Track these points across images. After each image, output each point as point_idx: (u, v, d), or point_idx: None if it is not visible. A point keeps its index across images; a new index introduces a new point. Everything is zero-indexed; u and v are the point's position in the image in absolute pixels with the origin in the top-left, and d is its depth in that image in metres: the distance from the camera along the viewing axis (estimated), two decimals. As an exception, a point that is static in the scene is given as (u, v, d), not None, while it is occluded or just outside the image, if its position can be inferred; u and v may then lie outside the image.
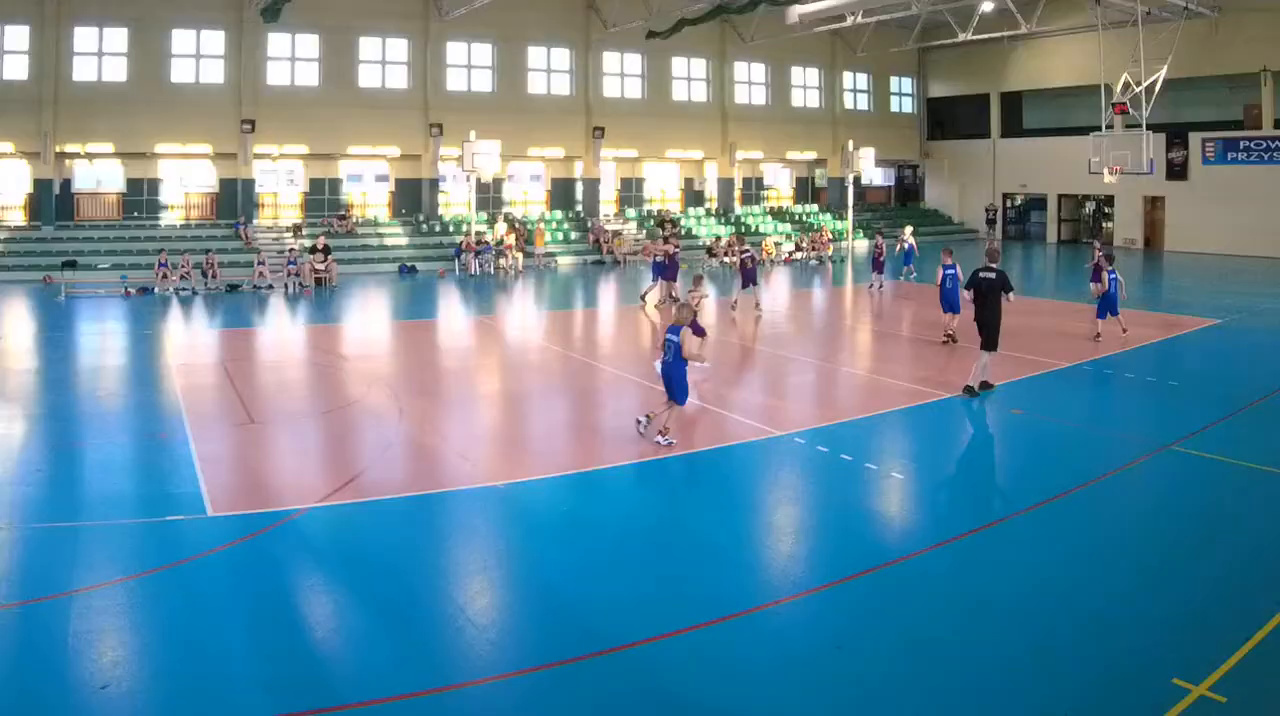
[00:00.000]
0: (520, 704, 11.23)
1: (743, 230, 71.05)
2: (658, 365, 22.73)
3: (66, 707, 10.85)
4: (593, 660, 11.92)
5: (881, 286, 49.89)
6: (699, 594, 13.95)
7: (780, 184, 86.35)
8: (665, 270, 45.36)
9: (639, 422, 22.41)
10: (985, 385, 26.25)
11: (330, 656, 12.30)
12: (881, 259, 50.31)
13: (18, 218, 60.52)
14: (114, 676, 11.44)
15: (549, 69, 72.57)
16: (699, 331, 29.10)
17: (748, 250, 43.17)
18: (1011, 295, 26.21)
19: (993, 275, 26.22)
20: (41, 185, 59.51)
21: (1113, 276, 34.75)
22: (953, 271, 34.34)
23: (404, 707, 10.95)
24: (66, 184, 61.37)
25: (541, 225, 69.29)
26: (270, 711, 10.81)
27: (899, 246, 54.07)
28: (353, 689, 11.38)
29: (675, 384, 21.59)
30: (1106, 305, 34.91)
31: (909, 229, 57.18)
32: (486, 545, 16.15)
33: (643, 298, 45.89)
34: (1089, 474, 19.73)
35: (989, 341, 26.08)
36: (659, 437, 21.54)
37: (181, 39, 61.65)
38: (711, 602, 13.56)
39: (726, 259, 63.81)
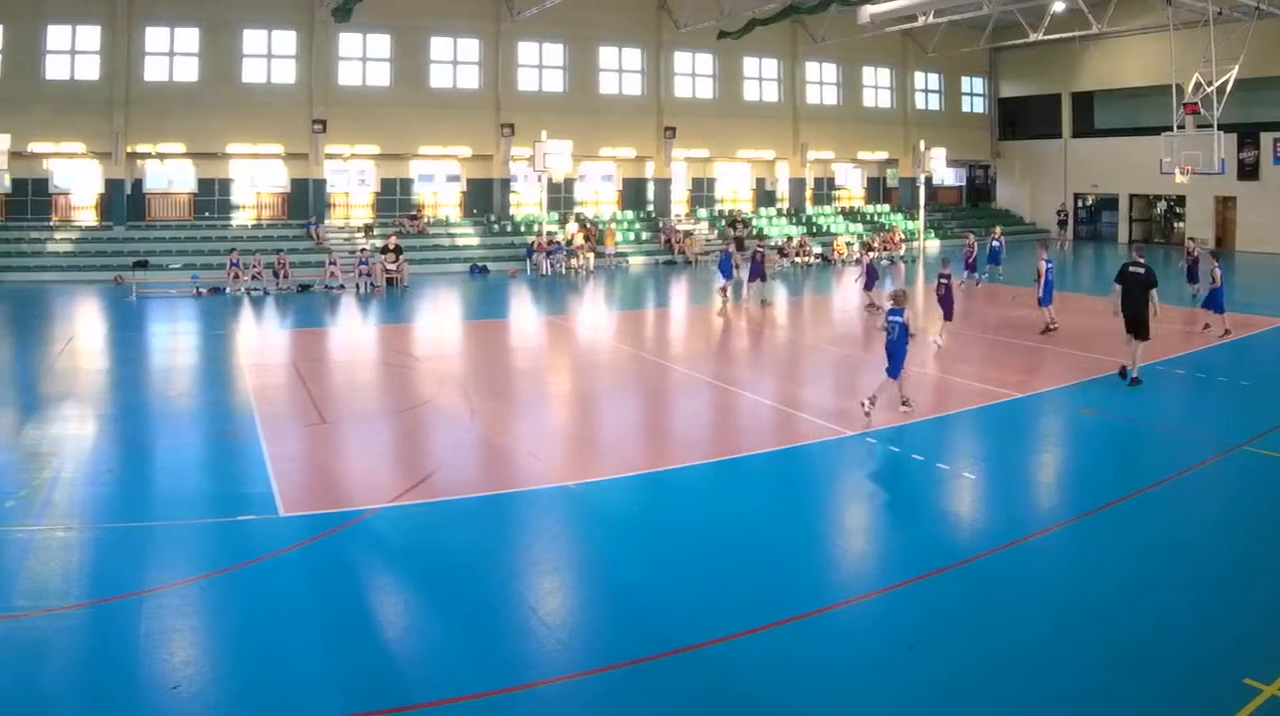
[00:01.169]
0: (591, 704, 11.13)
1: (766, 231, 69.95)
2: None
3: (138, 707, 10.69)
4: (663, 660, 11.76)
5: (979, 283, 48.65)
6: (770, 594, 13.72)
7: (852, 184, 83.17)
8: (755, 269, 44.59)
9: (864, 409, 22.80)
10: (1124, 370, 26.74)
11: (401, 656, 12.15)
12: (973, 259, 49.00)
13: (89, 218, 59.56)
14: (185, 676, 11.35)
15: (620, 69, 70.44)
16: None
17: (760, 249, 45.08)
18: (1156, 293, 26.43)
19: (1141, 270, 26.58)
20: (113, 185, 58.39)
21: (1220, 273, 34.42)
22: (1050, 265, 34.58)
23: (475, 708, 10.80)
24: (138, 184, 60.11)
25: (613, 225, 67.84)
26: (341, 711, 10.68)
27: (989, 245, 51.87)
28: (423, 689, 11.28)
29: (896, 360, 22.98)
30: (1213, 301, 34.15)
31: (999, 228, 55.44)
32: (557, 545, 15.98)
33: (723, 293, 44.31)
34: (1161, 474, 19.53)
35: (1142, 331, 26.38)
36: (902, 407, 23.29)
37: (253, 39, 60.58)
38: (783, 603, 13.37)
39: (798, 259, 62.78)
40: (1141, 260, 26.82)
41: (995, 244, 51.61)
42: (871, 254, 41.75)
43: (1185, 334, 33.26)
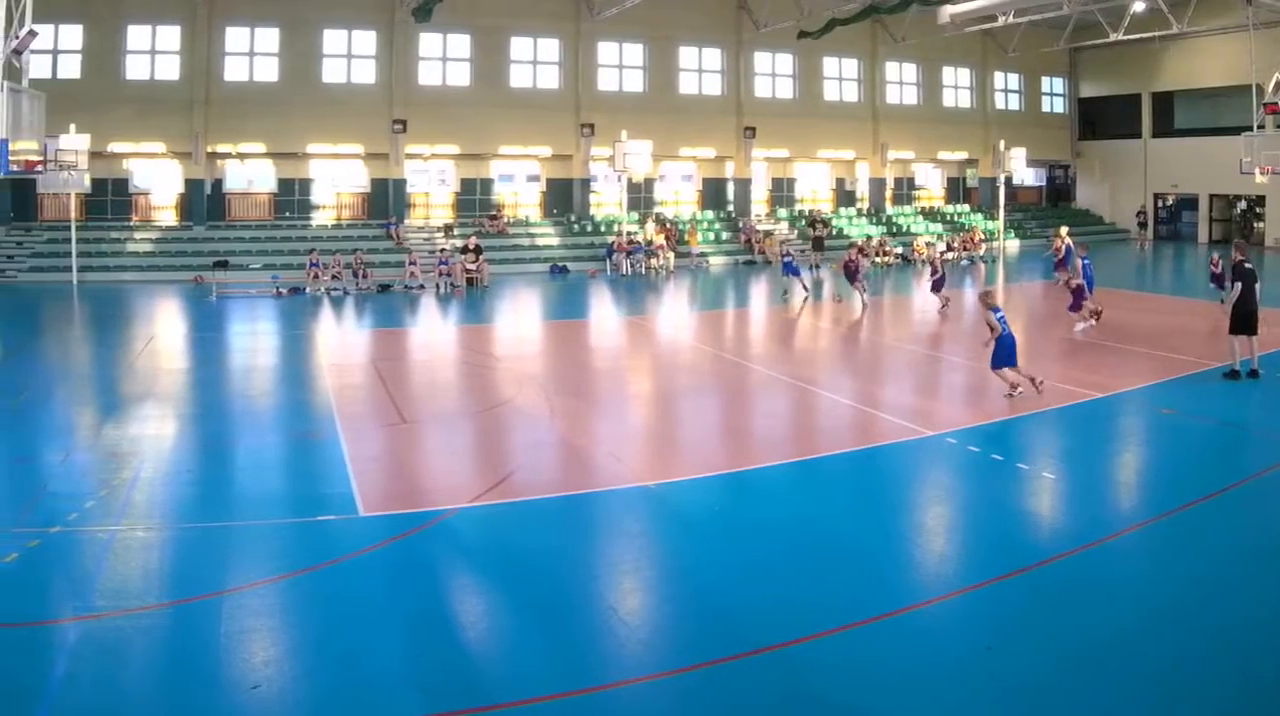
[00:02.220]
0: (670, 704, 10.83)
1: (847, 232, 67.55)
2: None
3: (218, 707, 10.46)
4: (742, 660, 11.38)
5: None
6: (849, 595, 13.29)
7: (931, 184, 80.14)
8: (850, 274, 42.62)
9: (1015, 393, 23.70)
10: (1235, 371, 25.99)
11: (481, 656, 11.89)
12: (1062, 259, 46.05)
13: (169, 217, 58.75)
14: (265, 676, 11.10)
15: (700, 69, 68.09)
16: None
17: (788, 254, 44.15)
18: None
19: (1251, 267, 26.04)
20: (193, 185, 57.40)
21: None
22: (1088, 261, 35.20)
23: (555, 708, 10.49)
24: (218, 184, 59.04)
25: (695, 226, 65.95)
26: (421, 712, 10.41)
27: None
28: (504, 689, 10.99)
29: (1008, 350, 23.76)
30: None
31: (1064, 229, 52.40)
32: (637, 545, 15.54)
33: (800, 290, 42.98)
34: (1239, 474, 18.91)
35: (1255, 326, 25.91)
36: (1037, 389, 23.95)
37: (333, 39, 59.27)
38: (861, 603, 12.96)
39: (878, 259, 60.44)
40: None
41: (1066, 246, 48.32)
42: (950, 254, 39.80)
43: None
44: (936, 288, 41.09)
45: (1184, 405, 23.82)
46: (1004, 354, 23.58)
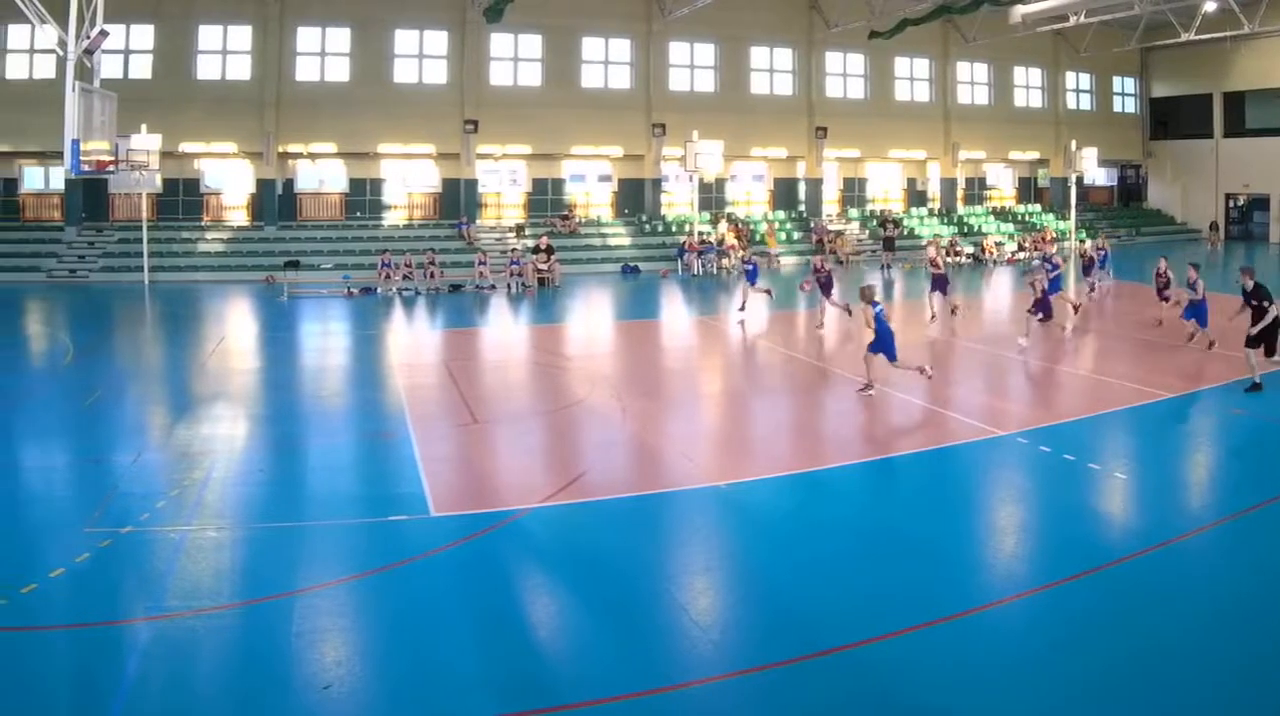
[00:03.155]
0: (741, 704, 10.57)
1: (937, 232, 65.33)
2: None
3: (290, 707, 10.30)
4: (814, 661, 11.18)
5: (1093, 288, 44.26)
6: (920, 594, 12.94)
7: (1003, 184, 77.85)
8: (939, 283, 39.48)
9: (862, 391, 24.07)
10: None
11: (553, 656, 11.68)
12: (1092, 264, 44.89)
13: (240, 217, 57.51)
14: (337, 676, 10.95)
15: (771, 69, 65.67)
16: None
17: (749, 261, 41.00)
18: None
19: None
20: (264, 185, 56.27)
21: None
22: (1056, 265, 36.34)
23: (627, 708, 10.30)
24: (289, 184, 57.86)
25: (775, 225, 64.27)
26: (493, 711, 10.27)
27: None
28: (576, 689, 10.77)
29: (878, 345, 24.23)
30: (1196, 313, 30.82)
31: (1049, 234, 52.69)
32: (709, 545, 15.33)
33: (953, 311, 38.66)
34: None
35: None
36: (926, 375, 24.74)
37: (404, 39, 57.86)
38: (932, 603, 12.64)
39: (950, 258, 56.20)
40: None
41: (1102, 252, 46.51)
42: (1021, 254, 38.64)
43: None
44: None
45: (1255, 406, 23.21)
46: (879, 345, 23.79)
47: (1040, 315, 30.73)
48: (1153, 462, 19.61)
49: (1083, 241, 59.51)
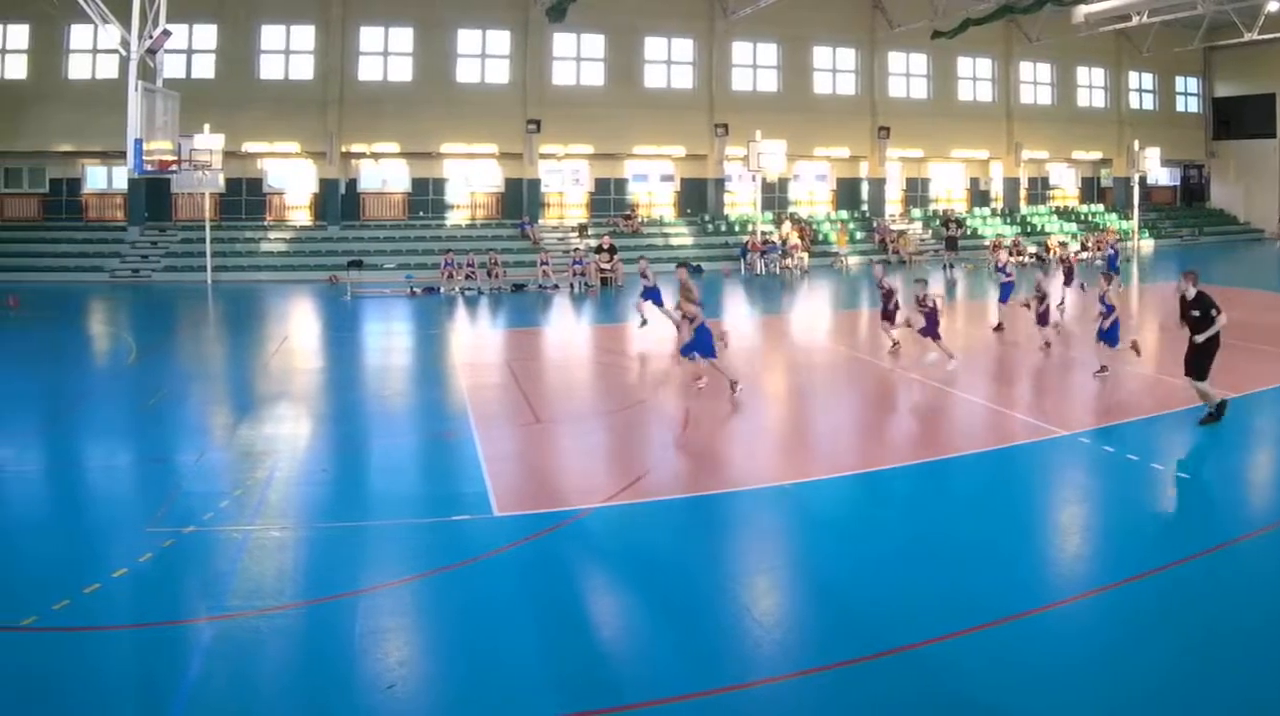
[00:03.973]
0: (804, 704, 10.09)
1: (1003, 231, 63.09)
2: None
3: (353, 707, 9.87)
4: (876, 661, 10.67)
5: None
6: (982, 594, 12.41)
7: (1065, 184, 76.07)
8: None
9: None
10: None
11: (616, 656, 11.17)
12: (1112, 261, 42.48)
13: (303, 217, 56.06)
14: (400, 676, 10.50)
15: (834, 69, 63.40)
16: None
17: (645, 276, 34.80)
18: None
19: None
20: (327, 185, 54.75)
21: None
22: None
23: (691, 708, 9.81)
24: (352, 183, 56.26)
25: (844, 225, 62.39)
26: (556, 711, 9.76)
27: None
28: (638, 688, 10.27)
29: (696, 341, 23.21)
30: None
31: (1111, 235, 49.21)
32: (771, 545, 14.62)
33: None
34: None
35: None
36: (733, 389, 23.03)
37: (467, 39, 56.25)
38: (994, 603, 12.11)
39: (1013, 258, 56.31)
40: None
41: (1111, 252, 44.07)
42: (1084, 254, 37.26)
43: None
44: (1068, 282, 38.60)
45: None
46: (698, 342, 22.95)
47: (1042, 323, 29.01)
48: (1215, 463, 18.76)
49: (1064, 244, 56.64)
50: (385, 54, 55.30)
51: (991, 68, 68.51)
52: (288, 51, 53.85)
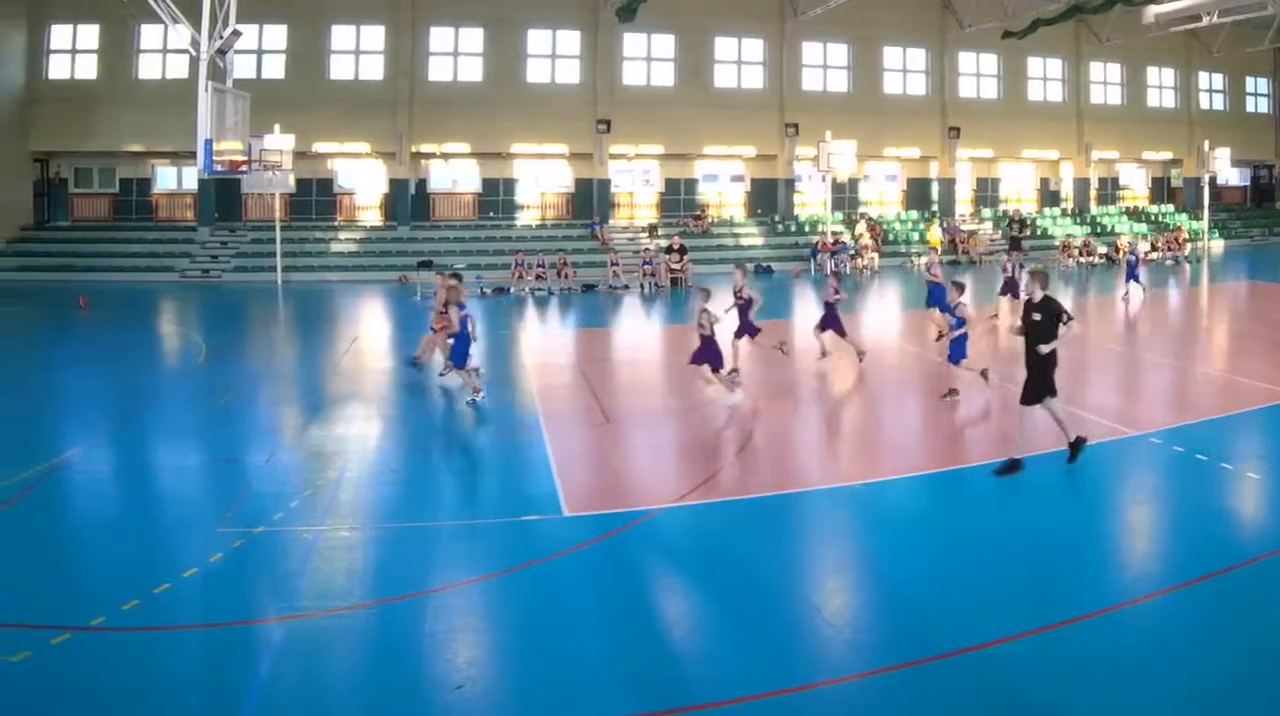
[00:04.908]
0: (874, 704, 9.74)
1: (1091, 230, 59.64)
2: None
3: (422, 707, 9.63)
4: (947, 661, 10.26)
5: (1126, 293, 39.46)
6: (1052, 594, 11.90)
7: (1136, 184, 72.23)
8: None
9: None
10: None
11: (686, 656, 10.81)
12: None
13: (373, 217, 53.87)
14: (469, 676, 10.22)
15: (904, 69, 60.34)
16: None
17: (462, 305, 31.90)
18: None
19: None
20: (397, 185, 52.42)
21: None
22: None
23: (762, 708, 9.48)
24: (422, 184, 53.99)
25: (933, 224, 59.02)
26: (625, 711, 9.49)
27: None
28: (708, 688, 9.96)
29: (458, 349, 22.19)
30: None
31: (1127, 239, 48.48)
32: (841, 545, 14.38)
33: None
34: None
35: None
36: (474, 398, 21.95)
37: (537, 39, 53.70)
38: (1065, 603, 11.59)
39: (1082, 259, 54.47)
40: None
41: (1131, 258, 41.22)
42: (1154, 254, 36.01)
43: None
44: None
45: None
46: (459, 351, 22.13)
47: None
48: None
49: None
50: (455, 54, 53.00)
51: (1062, 68, 65.06)
52: (358, 52, 51.75)
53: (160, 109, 46.00)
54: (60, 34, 48.89)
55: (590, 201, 55.44)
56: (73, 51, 49.09)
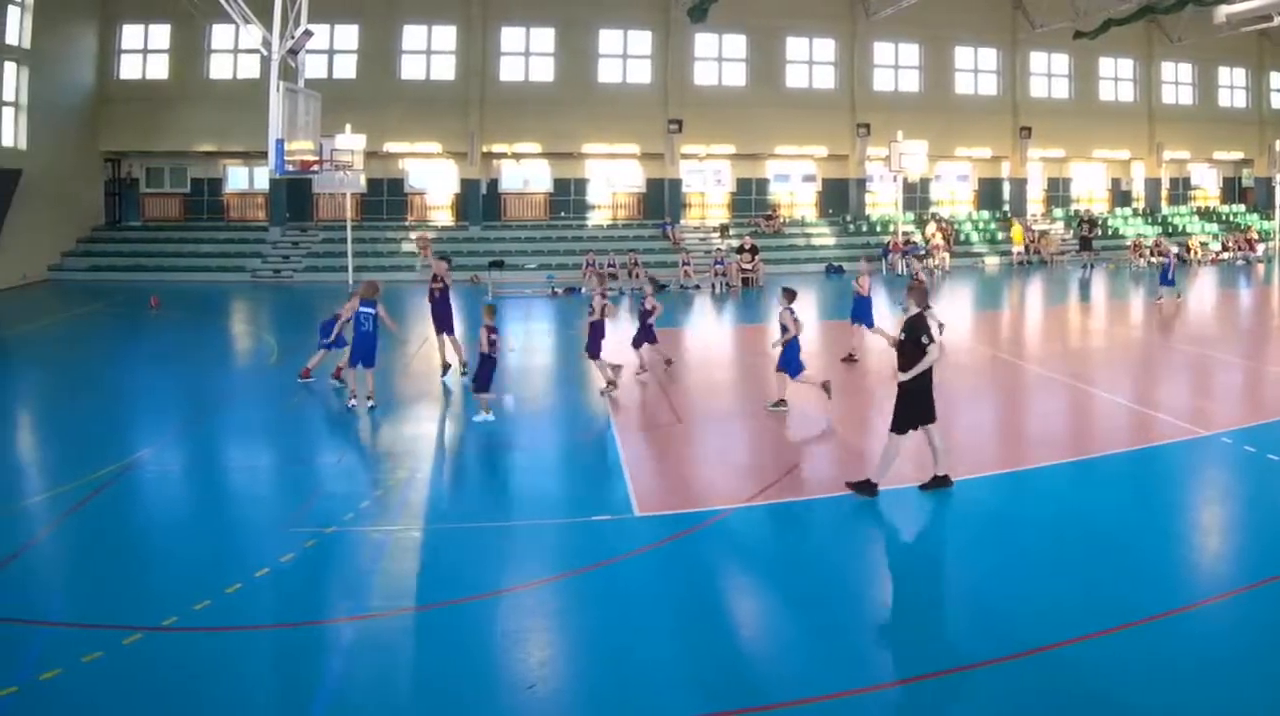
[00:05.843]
0: (944, 703, 9.30)
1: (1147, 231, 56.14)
2: None
3: (494, 707, 9.17)
4: (1015, 661, 9.73)
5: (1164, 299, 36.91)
6: (1122, 594, 11.24)
7: (1207, 184, 68.35)
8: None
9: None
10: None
11: (756, 655, 10.32)
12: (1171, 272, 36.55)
13: (445, 217, 51.41)
14: (540, 676, 9.72)
15: (976, 69, 57.26)
16: None
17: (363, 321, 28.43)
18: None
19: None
20: (468, 185, 49.66)
21: None
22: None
23: (831, 707, 9.07)
24: (493, 184, 51.27)
25: (1018, 221, 56.45)
26: (696, 711, 9.09)
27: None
28: (779, 688, 9.48)
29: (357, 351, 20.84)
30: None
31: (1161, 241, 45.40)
32: (911, 545, 13.62)
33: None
34: None
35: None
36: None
37: (608, 39, 51.04)
38: (1135, 603, 10.96)
39: (1153, 259, 50.28)
40: None
41: (1166, 261, 37.74)
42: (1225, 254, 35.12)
43: None
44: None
45: None
46: (360, 352, 20.61)
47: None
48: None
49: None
50: (526, 54, 50.38)
51: (1133, 68, 61.32)
52: (429, 52, 49.32)
53: (231, 109, 44.05)
54: (132, 34, 46.57)
55: (661, 201, 52.59)
56: (144, 51, 46.83)
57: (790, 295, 20.19)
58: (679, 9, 49.13)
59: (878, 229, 54.30)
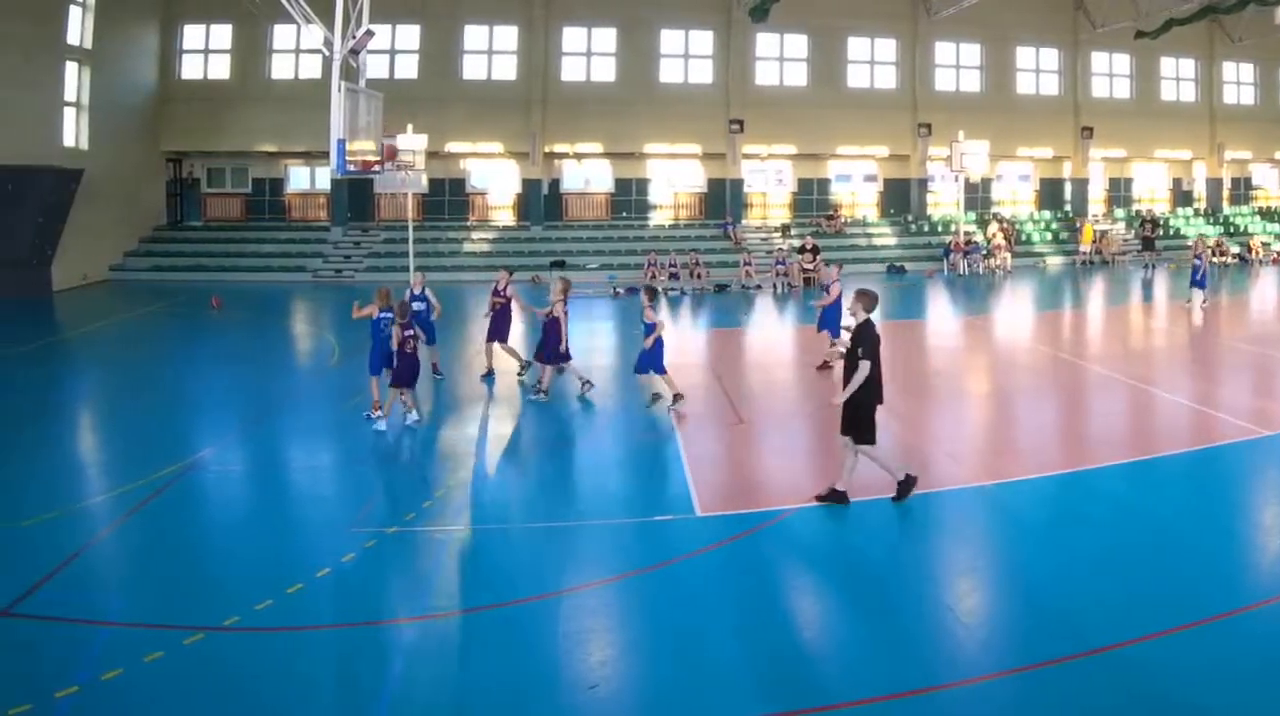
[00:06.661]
0: (1007, 704, 8.95)
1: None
2: None
3: (556, 707, 8.93)
4: (1081, 660, 9.36)
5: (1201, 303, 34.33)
6: (1186, 594, 10.83)
7: (1269, 184, 64.68)
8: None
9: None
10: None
11: (818, 656, 9.99)
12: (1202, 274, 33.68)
13: (506, 217, 49.15)
14: (603, 676, 9.46)
15: (1037, 69, 54.47)
16: None
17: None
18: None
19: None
20: (530, 185, 47.57)
21: None
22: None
23: (894, 707, 8.71)
24: (555, 184, 48.92)
25: (1084, 221, 53.97)
26: (759, 710, 8.79)
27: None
28: (841, 688, 9.18)
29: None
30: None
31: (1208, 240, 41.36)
32: (973, 545, 12.96)
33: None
34: None
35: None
36: None
37: (670, 39, 48.74)
38: (1200, 603, 10.55)
39: (1215, 259, 46.76)
40: None
41: (1197, 261, 34.10)
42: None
43: None
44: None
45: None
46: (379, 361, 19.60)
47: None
48: None
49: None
50: (588, 54, 48.15)
51: (1194, 68, 58.03)
52: (490, 52, 47.27)
53: (293, 109, 42.52)
54: (193, 34, 44.72)
55: (723, 201, 50.14)
56: (205, 51, 45.08)
57: (652, 294, 20.40)
58: (740, 9, 47.08)
59: (939, 229, 51.95)
